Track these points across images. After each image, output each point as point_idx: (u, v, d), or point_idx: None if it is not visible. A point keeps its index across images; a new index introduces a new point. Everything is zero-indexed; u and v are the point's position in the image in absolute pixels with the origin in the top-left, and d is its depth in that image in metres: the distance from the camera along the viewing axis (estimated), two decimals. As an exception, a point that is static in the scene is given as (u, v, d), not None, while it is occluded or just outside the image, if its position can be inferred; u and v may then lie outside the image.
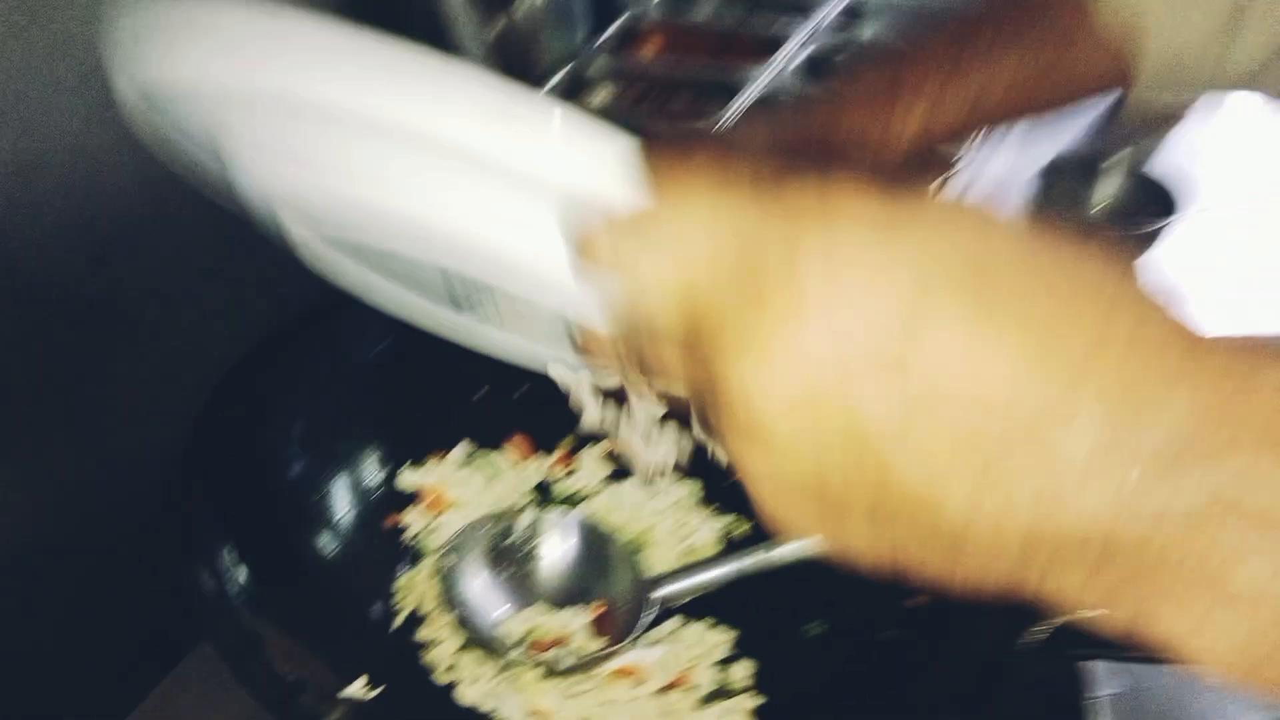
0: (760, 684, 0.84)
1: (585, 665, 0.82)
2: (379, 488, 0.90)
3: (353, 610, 0.80)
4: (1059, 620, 0.74)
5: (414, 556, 0.89)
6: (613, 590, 0.88)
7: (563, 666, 0.81)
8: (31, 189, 0.73)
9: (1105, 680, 0.88)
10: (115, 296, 0.82)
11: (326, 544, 0.82)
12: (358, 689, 0.74)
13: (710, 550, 0.95)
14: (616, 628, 0.85)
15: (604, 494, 0.95)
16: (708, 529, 0.95)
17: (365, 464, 0.90)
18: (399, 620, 0.83)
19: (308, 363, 0.86)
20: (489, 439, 0.98)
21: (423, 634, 0.83)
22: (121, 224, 0.82)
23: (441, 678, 0.81)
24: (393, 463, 0.92)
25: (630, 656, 0.84)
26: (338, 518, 0.85)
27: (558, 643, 0.83)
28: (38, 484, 0.79)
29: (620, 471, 0.99)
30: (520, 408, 0.99)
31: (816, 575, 0.81)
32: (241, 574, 0.68)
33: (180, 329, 0.83)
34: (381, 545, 0.87)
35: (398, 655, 0.80)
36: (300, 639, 0.67)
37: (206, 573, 0.67)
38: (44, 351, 0.76)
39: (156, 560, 0.66)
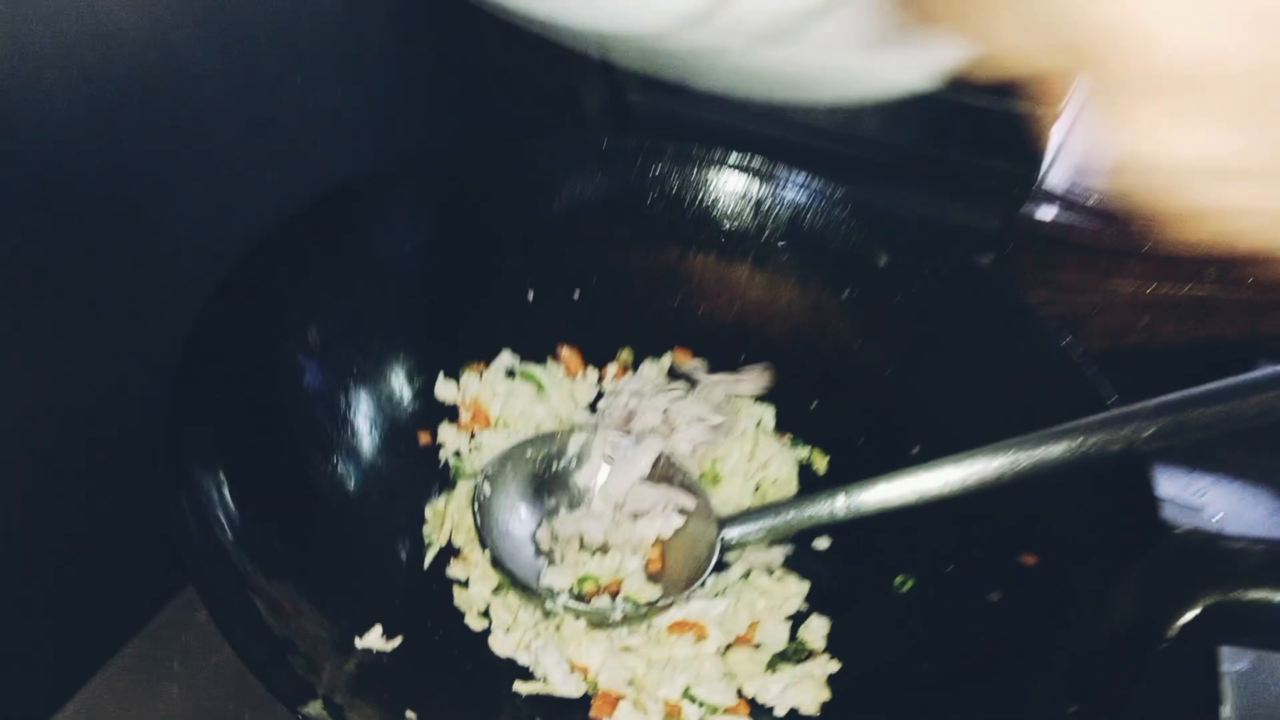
0: (836, 647, 0.72)
1: (639, 617, 0.71)
2: (408, 402, 0.79)
3: (369, 546, 0.70)
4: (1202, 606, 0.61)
5: (447, 481, 0.78)
6: (674, 531, 0.76)
7: (613, 618, 0.70)
8: (27, 41, 0.61)
9: (1228, 660, 0.75)
10: (119, 167, 0.69)
11: (341, 468, 0.71)
12: (374, 640, 0.64)
13: (787, 484, 0.82)
14: (676, 574, 0.74)
15: (668, 415, 0.82)
16: (784, 460, 0.83)
17: (391, 375, 0.78)
18: (428, 557, 0.73)
19: (326, 256, 0.74)
20: (535, 349, 0.86)
21: (453, 572, 0.73)
22: (128, 82, 0.69)
23: (473, 624, 0.70)
24: (424, 374, 0.80)
25: (690, 609, 0.73)
26: (356, 436, 0.73)
27: (608, 589, 0.72)
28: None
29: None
30: (571, 314, 0.87)
31: (909, 519, 0.70)
32: (233, 502, 0.58)
33: (192, 211, 0.71)
34: (409, 468, 0.76)
35: (422, 598, 0.69)
36: (297, 584, 0.57)
37: (192, 500, 0.56)
38: (36, 226, 0.64)
39: (136, 489, 0.55)
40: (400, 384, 0.78)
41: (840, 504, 0.72)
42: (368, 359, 0.75)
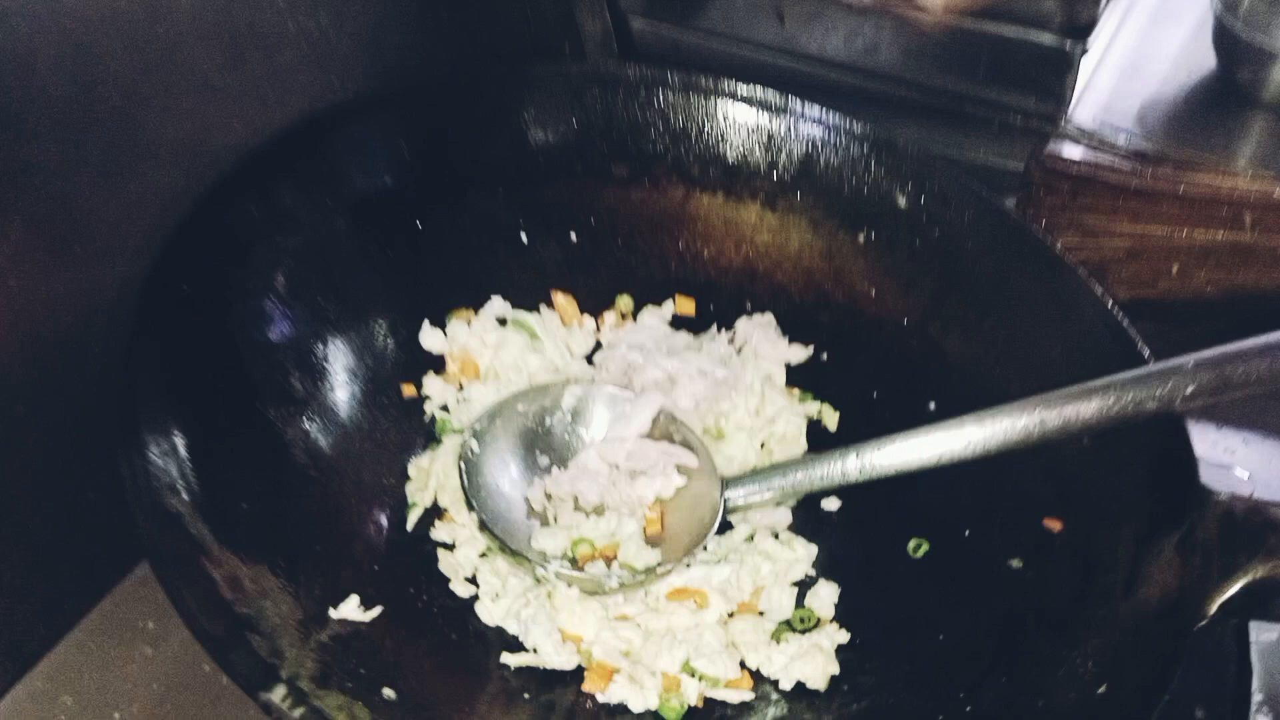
0: (845, 616, 0.68)
1: (636, 584, 0.66)
2: (390, 352, 0.73)
3: (346, 508, 0.65)
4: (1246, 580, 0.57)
5: (432, 437, 0.73)
6: (675, 491, 0.71)
7: (609, 586, 0.65)
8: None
9: (1254, 632, 0.71)
10: (93, 97, 0.63)
11: (314, 424, 0.66)
12: (350, 610, 0.59)
13: (795, 442, 0.77)
14: (677, 537, 0.69)
15: (669, 368, 0.77)
16: (792, 416, 0.78)
17: (371, 323, 0.72)
18: (411, 518, 0.68)
19: (297, 194, 0.68)
20: (528, 296, 0.80)
21: (438, 534, 0.68)
22: (103, 6, 0.62)
23: (459, 590, 0.66)
24: (408, 322, 0.75)
25: (691, 575, 0.68)
26: (331, 389, 0.68)
27: (604, 554, 0.68)
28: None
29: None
30: (567, 258, 0.82)
31: (924, 479, 0.64)
32: (191, 462, 0.53)
33: (166, 142, 0.65)
34: (391, 423, 0.71)
35: (404, 563, 0.65)
36: (262, 553, 0.52)
37: (143, 460, 0.51)
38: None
39: (86, 452, 0.50)
40: (381, 332, 0.73)
41: (852, 465, 0.67)
42: (344, 305, 0.70)
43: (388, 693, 0.55)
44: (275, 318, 0.64)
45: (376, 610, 0.60)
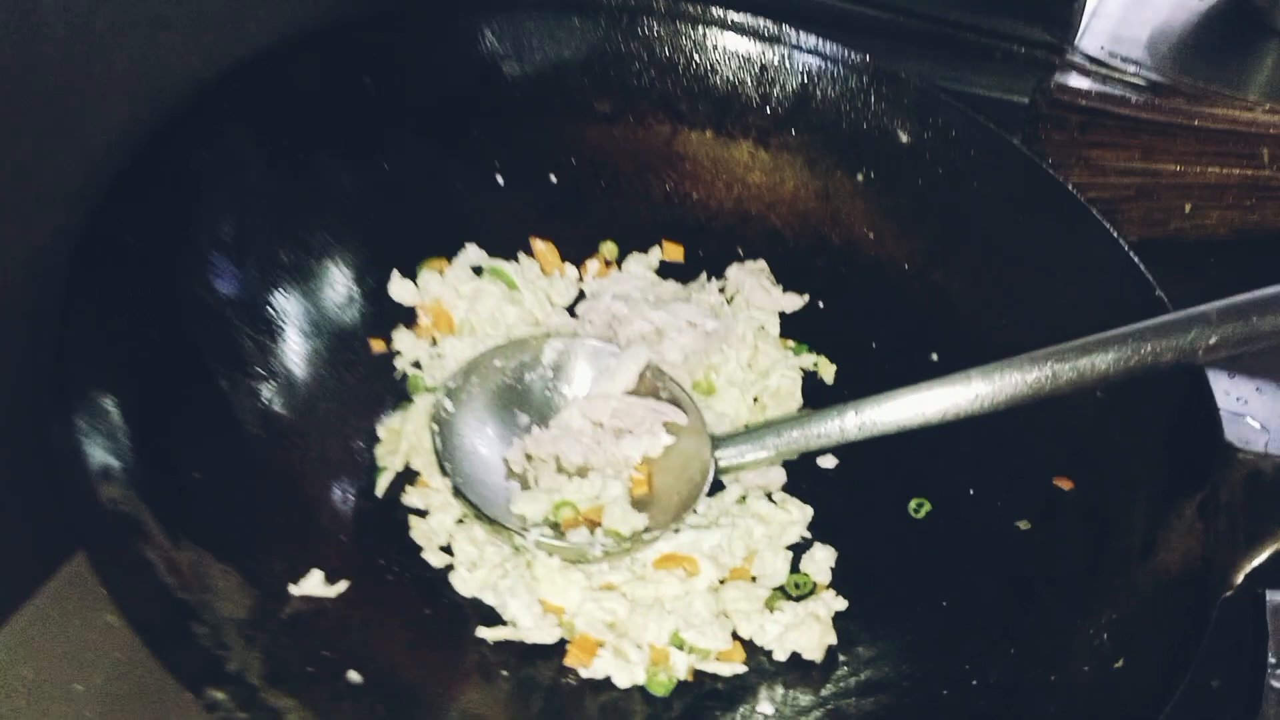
0: (842, 582, 0.64)
1: (621, 551, 0.62)
2: (357, 305, 0.68)
3: (308, 474, 0.60)
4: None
5: (403, 396, 0.68)
6: (663, 450, 0.67)
7: (592, 554, 0.61)
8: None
9: (1271, 597, 0.67)
10: (38, 35, 0.56)
11: (269, 386, 0.61)
12: (313, 586, 0.55)
13: (790, 396, 0.73)
14: (665, 500, 0.65)
15: (656, 319, 0.72)
16: (787, 369, 0.73)
17: (334, 274, 0.67)
18: (380, 483, 0.64)
19: (248, 132, 0.62)
20: (506, 243, 0.75)
21: (410, 500, 0.64)
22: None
23: (432, 560, 0.62)
24: (376, 272, 0.70)
25: (680, 540, 0.64)
26: (288, 347, 0.63)
27: (587, 519, 0.64)
28: None
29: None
30: (547, 202, 0.76)
31: (926, 435, 0.60)
32: (128, 430, 0.48)
33: (117, 85, 0.59)
34: (359, 382, 0.67)
35: (373, 533, 0.61)
36: (210, 528, 0.48)
37: (72, 430, 0.47)
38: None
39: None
40: (347, 284, 0.68)
41: (851, 422, 0.63)
42: (304, 255, 0.65)
43: (353, 676, 0.51)
44: (226, 269, 0.59)
45: (342, 585, 0.56)
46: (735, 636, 0.62)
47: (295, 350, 0.63)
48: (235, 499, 0.53)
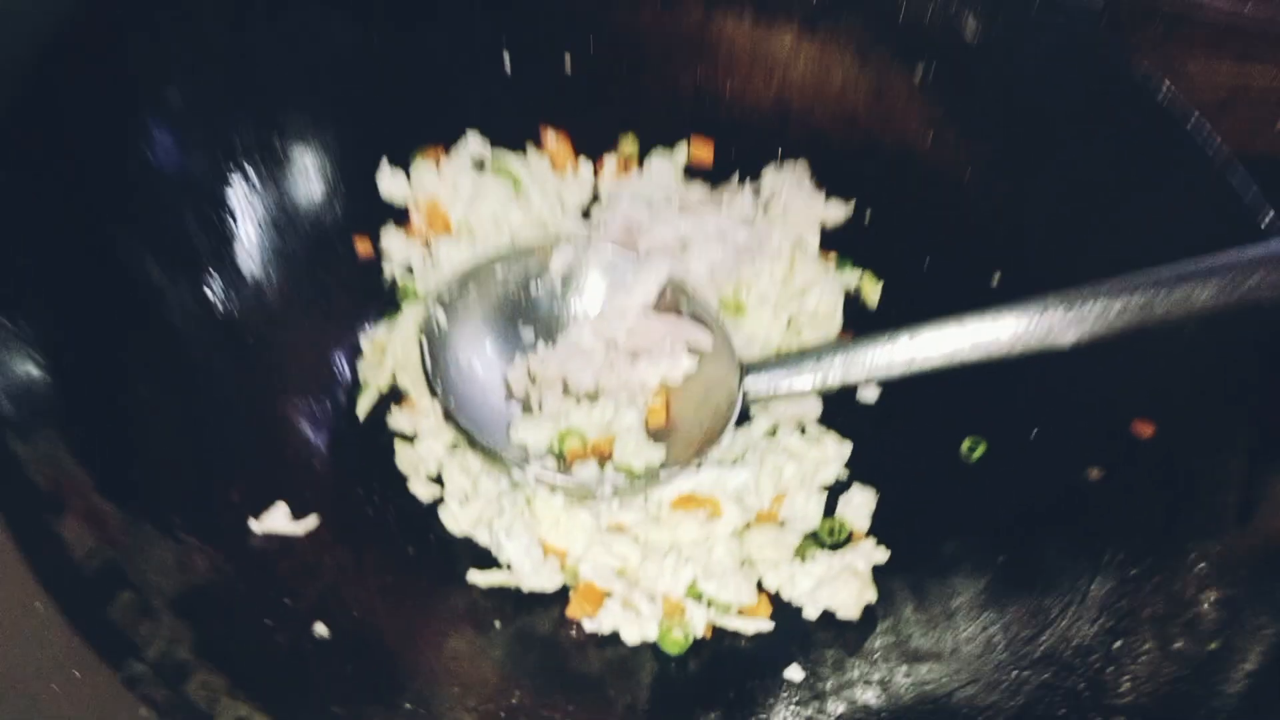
0: (883, 529, 0.57)
1: (634, 489, 0.54)
2: (338, 198, 0.60)
3: (277, 390, 0.52)
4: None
5: (391, 305, 0.61)
6: (684, 376, 0.60)
7: (602, 491, 0.54)
8: None
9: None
10: None
11: (224, 289, 0.52)
12: (276, 522, 0.48)
13: (829, 319, 0.65)
14: (686, 432, 0.58)
15: (681, 227, 0.64)
16: (827, 288, 0.65)
17: (309, 159, 0.59)
18: (362, 404, 0.56)
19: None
20: (512, 133, 0.67)
21: (395, 423, 0.56)
22: None
23: (419, 492, 0.54)
24: (360, 160, 0.62)
25: (700, 479, 0.56)
26: (251, 240, 0.55)
27: (596, 450, 0.56)
28: None
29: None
30: (560, 89, 0.69)
31: (985, 366, 0.54)
32: (41, 349, 0.40)
33: None
34: (340, 287, 0.60)
35: (352, 459, 0.53)
36: (145, 463, 0.40)
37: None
38: None
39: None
40: (325, 171, 0.61)
41: (900, 353, 0.57)
42: (273, 132, 0.56)
43: (319, 630, 0.44)
44: (169, 142, 0.50)
45: (311, 520, 0.49)
46: (760, 589, 0.55)
47: (262, 247, 0.57)
48: (183, 418, 0.46)
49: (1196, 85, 0.84)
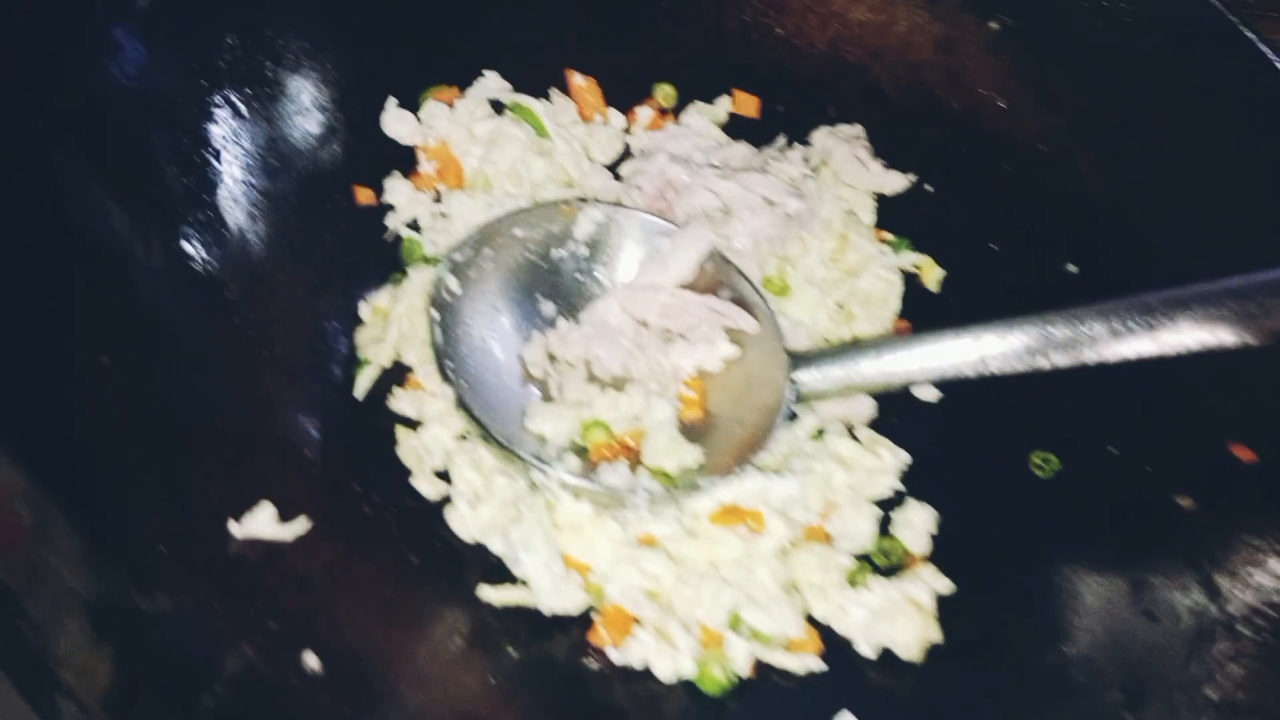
0: (944, 554, 0.52)
1: (668, 497, 0.49)
2: (335, 137, 0.53)
3: (260, 365, 0.45)
4: None
5: (395, 266, 0.55)
6: (724, 365, 0.54)
7: (632, 499, 0.47)
8: None
9: None
10: None
11: (203, 241, 0.45)
12: (260, 525, 0.41)
13: (883, 304, 0.59)
14: (726, 430, 0.52)
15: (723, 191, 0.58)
16: (882, 269, 0.59)
17: (305, 91, 0.53)
18: (361, 382, 0.49)
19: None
20: (535, 76, 0.61)
21: (398, 405, 0.50)
22: None
23: (424, 489, 0.48)
24: (364, 98, 0.56)
25: (743, 488, 0.50)
26: (234, 184, 0.48)
27: (623, 447, 0.51)
28: None
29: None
30: (589, 28, 0.63)
31: (1066, 381, 0.48)
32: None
33: None
34: (334, 242, 0.54)
35: (348, 448, 0.47)
36: (94, 453, 0.34)
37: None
38: None
39: None
40: (323, 107, 0.54)
41: (967, 353, 0.51)
42: (264, 57, 0.49)
43: (309, 662, 0.37)
44: (138, 57, 0.42)
45: (301, 524, 0.43)
46: (810, 621, 0.48)
47: (247, 193, 0.49)
48: (149, 397, 0.38)
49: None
